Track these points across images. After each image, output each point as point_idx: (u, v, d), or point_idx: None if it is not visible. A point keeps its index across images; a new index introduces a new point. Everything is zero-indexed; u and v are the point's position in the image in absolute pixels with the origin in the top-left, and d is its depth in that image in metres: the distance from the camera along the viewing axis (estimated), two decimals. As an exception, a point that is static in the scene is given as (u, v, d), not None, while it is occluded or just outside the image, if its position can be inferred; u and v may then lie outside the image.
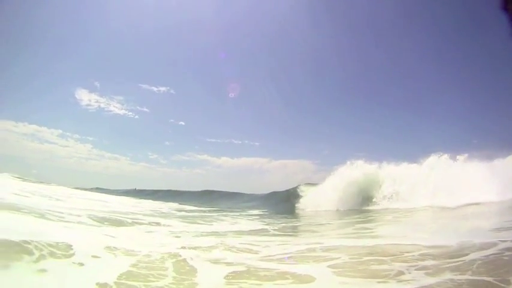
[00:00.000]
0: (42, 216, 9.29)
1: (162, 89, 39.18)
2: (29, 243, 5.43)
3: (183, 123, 41.63)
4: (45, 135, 35.44)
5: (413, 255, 5.56)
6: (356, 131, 42.58)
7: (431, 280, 4.15)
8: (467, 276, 4.19)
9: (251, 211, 21.23)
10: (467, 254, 5.15)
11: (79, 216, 10.61)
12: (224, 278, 4.94)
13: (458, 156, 17.20)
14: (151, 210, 17.28)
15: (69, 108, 40.99)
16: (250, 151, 42.82)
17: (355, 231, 9.86)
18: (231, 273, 5.19)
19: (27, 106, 40.52)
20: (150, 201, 24.03)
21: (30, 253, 5.09)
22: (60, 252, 5.60)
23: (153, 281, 4.70)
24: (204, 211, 19.65)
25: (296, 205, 21.69)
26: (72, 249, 5.89)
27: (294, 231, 11.80)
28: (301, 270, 5.23)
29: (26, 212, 9.17)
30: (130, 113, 39.16)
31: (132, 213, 14.36)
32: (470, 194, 12.52)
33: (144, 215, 14.34)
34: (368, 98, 41.27)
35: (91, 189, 32.06)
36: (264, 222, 13.78)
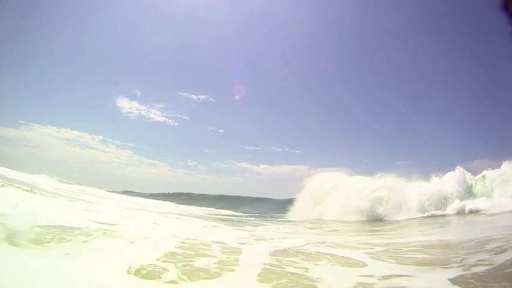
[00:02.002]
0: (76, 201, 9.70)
1: (202, 97, 39.69)
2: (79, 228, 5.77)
3: (222, 131, 41.68)
4: (86, 140, 36.99)
5: (467, 244, 5.34)
6: (396, 139, 40.93)
7: (502, 257, 3.94)
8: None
9: (272, 214, 20.74)
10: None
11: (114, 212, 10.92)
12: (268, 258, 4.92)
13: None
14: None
15: (110, 116, 42.54)
16: (291, 159, 41.99)
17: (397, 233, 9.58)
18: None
19: (69, 113, 42.49)
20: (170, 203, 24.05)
21: (87, 234, 5.48)
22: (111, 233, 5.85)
23: (199, 259, 4.80)
24: (221, 214, 19.49)
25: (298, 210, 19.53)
26: (119, 231, 6.15)
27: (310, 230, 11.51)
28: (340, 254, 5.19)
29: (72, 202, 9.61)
30: (170, 121, 39.90)
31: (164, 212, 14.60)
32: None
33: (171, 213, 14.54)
34: (407, 107, 39.77)
35: (122, 192, 32.90)
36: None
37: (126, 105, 36.81)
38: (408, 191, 16.75)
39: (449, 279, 3.64)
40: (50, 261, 3.90)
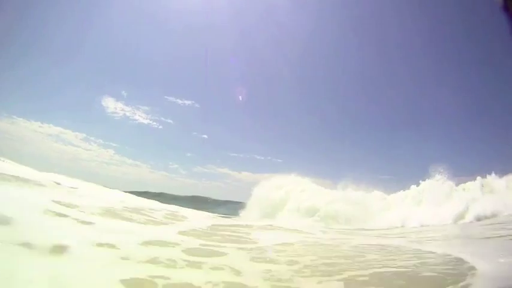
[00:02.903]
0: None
1: (187, 102, 39.78)
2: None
3: (206, 136, 41.46)
4: (69, 137, 35.74)
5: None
6: (382, 154, 41.01)
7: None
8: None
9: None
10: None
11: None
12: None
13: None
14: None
15: (95, 114, 41.14)
16: (273, 167, 41.75)
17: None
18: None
19: (53, 109, 41.27)
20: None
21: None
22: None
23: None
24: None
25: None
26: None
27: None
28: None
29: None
30: (154, 123, 39.50)
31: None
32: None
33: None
34: (394, 121, 40.02)
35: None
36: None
37: (112, 105, 36.35)
38: (371, 204, 14.27)
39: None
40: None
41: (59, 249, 2.25)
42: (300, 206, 14.54)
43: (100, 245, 2.50)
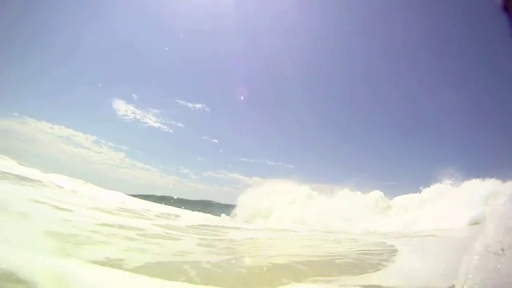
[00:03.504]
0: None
1: (198, 106, 40.71)
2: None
3: (216, 141, 42.29)
4: (80, 139, 36.87)
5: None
6: (389, 159, 40.11)
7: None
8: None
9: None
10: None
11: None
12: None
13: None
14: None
15: (105, 117, 42.39)
16: (284, 173, 41.58)
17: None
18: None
19: (65, 111, 42.73)
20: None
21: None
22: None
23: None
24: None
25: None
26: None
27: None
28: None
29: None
30: (165, 127, 40.50)
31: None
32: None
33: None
34: (403, 127, 38.88)
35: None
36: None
37: (122, 107, 37.36)
38: (369, 212, 13.24)
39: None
40: None
41: (21, 215, 2.88)
42: (285, 218, 13.59)
43: (56, 220, 2.98)
